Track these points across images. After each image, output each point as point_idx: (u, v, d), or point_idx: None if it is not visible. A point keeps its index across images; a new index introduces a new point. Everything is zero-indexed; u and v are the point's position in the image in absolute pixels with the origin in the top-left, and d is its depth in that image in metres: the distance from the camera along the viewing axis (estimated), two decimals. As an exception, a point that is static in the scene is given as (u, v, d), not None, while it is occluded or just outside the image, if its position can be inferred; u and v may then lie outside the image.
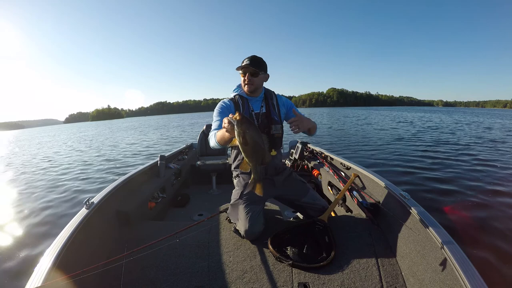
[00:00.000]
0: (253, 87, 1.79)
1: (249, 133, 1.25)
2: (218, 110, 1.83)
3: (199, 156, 3.84)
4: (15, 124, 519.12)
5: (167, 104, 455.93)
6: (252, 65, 1.73)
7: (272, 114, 1.86)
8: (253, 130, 1.27)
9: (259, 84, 1.83)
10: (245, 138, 1.25)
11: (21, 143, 22.71)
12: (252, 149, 1.29)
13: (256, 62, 1.76)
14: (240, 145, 1.29)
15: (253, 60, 1.76)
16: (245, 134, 1.24)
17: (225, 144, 1.59)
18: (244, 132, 1.24)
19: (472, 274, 1.03)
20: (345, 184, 2.20)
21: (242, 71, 1.79)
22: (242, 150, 1.31)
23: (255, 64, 1.75)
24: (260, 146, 1.29)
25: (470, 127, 16.76)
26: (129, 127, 36.19)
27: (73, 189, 5.39)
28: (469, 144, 9.34)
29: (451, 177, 5.07)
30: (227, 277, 1.40)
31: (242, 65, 1.76)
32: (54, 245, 1.27)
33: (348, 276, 1.37)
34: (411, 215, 1.50)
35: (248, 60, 1.75)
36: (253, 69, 1.74)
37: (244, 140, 1.25)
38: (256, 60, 1.77)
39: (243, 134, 1.24)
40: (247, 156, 1.33)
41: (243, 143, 1.27)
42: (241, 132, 1.24)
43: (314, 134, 1.86)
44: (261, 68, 1.78)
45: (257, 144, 1.28)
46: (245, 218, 1.65)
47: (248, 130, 1.24)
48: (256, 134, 1.28)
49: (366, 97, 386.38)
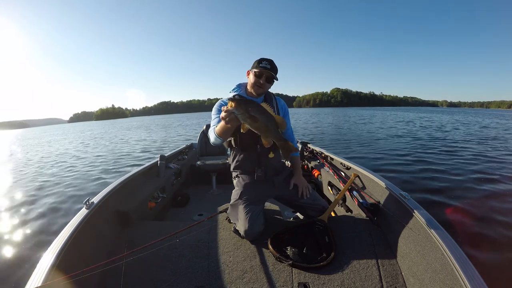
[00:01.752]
0: (263, 91, 1.74)
1: (252, 109, 1.25)
2: (216, 109, 1.77)
3: (199, 156, 3.84)
4: (19, 123, 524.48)
5: (171, 104, 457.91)
6: (271, 70, 1.65)
7: None
8: (254, 104, 1.28)
9: (267, 90, 1.79)
10: (252, 115, 1.25)
11: (39, 140, 22.79)
12: (264, 120, 1.30)
13: (275, 68, 1.68)
14: (252, 126, 1.30)
15: (273, 65, 1.67)
16: (249, 112, 1.25)
17: (226, 136, 1.54)
18: (247, 111, 1.24)
19: (472, 274, 1.03)
20: (345, 184, 2.19)
21: (259, 73, 1.67)
22: (256, 128, 1.32)
23: (273, 70, 1.67)
24: (269, 114, 1.31)
25: (472, 127, 16.66)
26: (141, 126, 36.39)
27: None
28: (469, 144, 9.29)
29: (451, 177, 5.04)
30: (227, 277, 1.40)
31: (261, 66, 1.65)
32: (54, 245, 1.28)
33: (348, 276, 1.37)
34: (411, 215, 1.49)
35: (268, 64, 1.65)
36: (272, 74, 1.66)
37: (252, 118, 1.26)
38: (274, 66, 1.68)
39: (248, 114, 1.25)
40: (264, 131, 1.34)
41: (252, 121, 1.27)
42: (245, 113, 1.24)
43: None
44: (276, 75, 1.71)
45: (265, 114, 1.30)
46: (245, 218, 1.65)
47: (250, 108, 1.25)
48: (258, 106, 1.29)
49: (370, 97, 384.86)
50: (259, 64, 1.66)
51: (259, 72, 1.65)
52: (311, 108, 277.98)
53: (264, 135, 1.37)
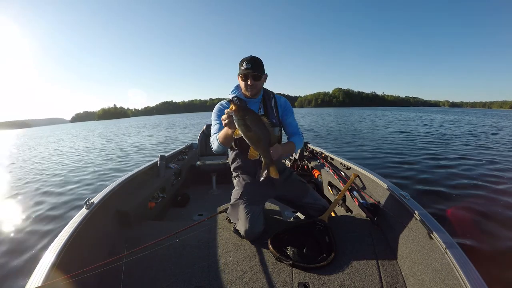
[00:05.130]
0: (256, 90, 1.74)
1: (249, 118, 1.24)
2: (216, 113, 1.78)
3: (199, 156, 3.84)
4: (21, 122, 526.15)
5: (173, 104, 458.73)
6: (254, 69, 1.64)
7: (270, 116, 1.81)
8: (252, 114, 1.26)
9: (261, 86, 1.78)
10: (247, 123, 1.24)
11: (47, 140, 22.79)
12: (257, 132, 1.28)
13: (257, 64, 1.67)
14: (244, 134, 1.28)
15: (254, 63, 1.66)
16: (245, 120, 1.24)
17: (229, 143, 1.56)
18: (244, 118, 1.23)
19: (472, 274, 1.02)
20: (345, 184, 2.19)
21: (244, 76, 1.68)
22: (247, 137, 1.29)
23: (257, 68, 1.66)
24: (264, 128, 1.29)
25: (473, 127, 16.58)
26: (149, 124, 36.32)
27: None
28: (469, 144, 9.25)
29: (452, 177, 5.01)
30: (227, 277, 1.40)
31: (243, 69, 1.66)
32: (54, 245, 1.28)
33: (348, 276, 1.37)
34: (411, 215, 1.49)
35: (248, 63, 1.64)
36: (256, 73, 1.66)
37: (246, 126, 1.24)
38: (256, 63, 1.67)
39: (243, 121, 1.23)
40: (254, 142, 1.32)
41: (246, 130, 1.26)
42: (241, 120, 1.23)
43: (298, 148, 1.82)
44: (262, 71, 1.70)
45: (260, 126, 1.28)
46: (245, 219, 1.65)
47: (247, 116, 1.24)
48: (256, 117, 1.27)
49: (372, 97, 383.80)
50: (240, 67, 1.68)
51: (243, 75, 1.68)
52: (313, 108, 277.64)
53: (254, 147, 1.35)
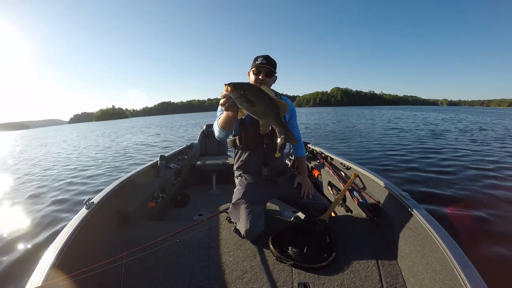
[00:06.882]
0: (265, 87, 1.75)
1: (249, 93, 1.16)
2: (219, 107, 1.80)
3: (199, 156, 3.84)
4: (19, 124, 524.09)
5: (171, 104, 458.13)
6: (268, 65, 1.68)
7: None
8: (251, 87, 1.19)
9: (271, 85, 1.78)
10: (248, 99, 1.16)
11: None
12: (262, 103, 1.20)
13: (272, 62, 1.71)
14: (249, 110, 1.19)
15: (269, 60, 1.70)
16: (246, 95, 1.15)
17: (229, 126, 1.48)
18: (244, 94, 1.15)
19: (472, 274, 1.02)
20: (345, 184, 2.19)
21: (257, 70, 1.71)
22: (254, 113, 1.21)
23: (271, 64, 1.69)
24: (267, 97, 1.22)
25: (472, 127, 16.60)
26: (151, 124, 36.18)
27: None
28: (469, 144, 9.27)
29: (452, 177, 5.03)
30: (227, 277, 1.40)
31: (258, 63, 1.69)
32: (54, 245, 1.27)
33: (348, 276, 1.37)
34: (411, 215, 1.49)
35: (263, 59, 1.68)
36: (270, 69, 1.69)
37: (248, 102, 1.16)
38: (271, 60, 1.71)
39: (244, 97, 1.15)
40: (262, 115, 1.23)
41: (250, 106, 1.17)
42: (242, 97, 1.15)
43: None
44: (275, 69, 1.73)
45: (263, 96, 1.20)
46: (246, 219, 1.64)
47: (247, 91, 1.16)
48: (256, 89, 1.20)
49: (370, 96, 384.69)
50: (255, 62, 1.70)
51: (256, 69, 1.70)
52: (312, 107, 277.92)
53: (263, 120, 1.26)
